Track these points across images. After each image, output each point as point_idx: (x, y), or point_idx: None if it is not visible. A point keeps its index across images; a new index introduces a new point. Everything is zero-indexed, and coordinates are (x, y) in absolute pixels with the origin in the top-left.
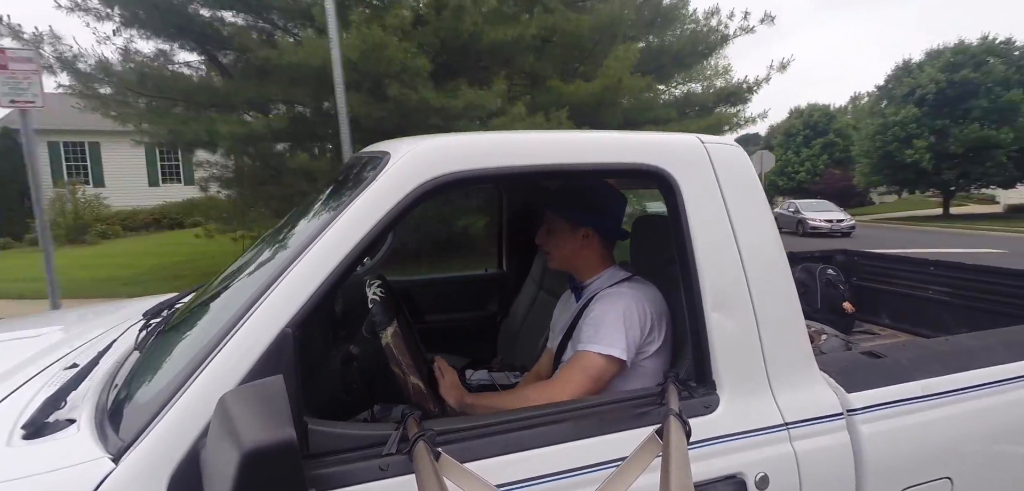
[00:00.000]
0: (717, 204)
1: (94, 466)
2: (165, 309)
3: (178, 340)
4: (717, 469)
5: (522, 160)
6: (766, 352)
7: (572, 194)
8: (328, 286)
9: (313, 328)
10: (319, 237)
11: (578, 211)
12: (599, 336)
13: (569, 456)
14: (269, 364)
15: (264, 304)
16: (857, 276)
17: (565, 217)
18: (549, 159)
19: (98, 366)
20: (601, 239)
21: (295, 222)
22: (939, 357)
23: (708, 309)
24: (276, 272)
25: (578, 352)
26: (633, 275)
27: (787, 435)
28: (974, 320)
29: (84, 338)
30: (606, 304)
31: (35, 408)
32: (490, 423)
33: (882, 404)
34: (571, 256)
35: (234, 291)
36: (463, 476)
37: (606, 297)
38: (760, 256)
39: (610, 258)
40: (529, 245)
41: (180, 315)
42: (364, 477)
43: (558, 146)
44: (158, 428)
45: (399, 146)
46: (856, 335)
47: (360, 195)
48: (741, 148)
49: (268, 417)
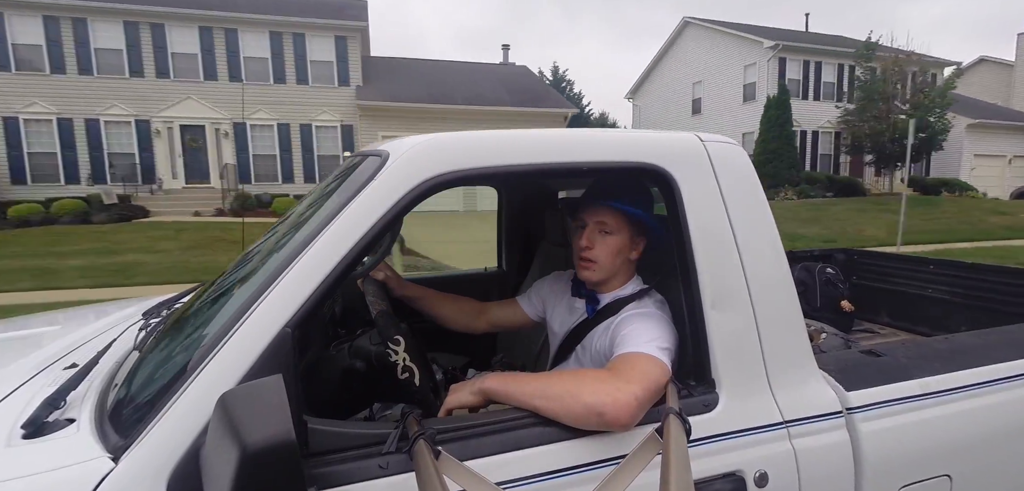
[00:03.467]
0: (716, 202)
1: (94, 465)
2: (164, 309)
3: (177, 339)
4: (716, 467)
5: (521, 158)
6: (765, 350)
7: (634, 192)
8: (327, 285)
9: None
10: (318, 236)
11: (646, 214)
12: (657, 348)
13: (569, 454)
14: (268, 363)
15: (263, 303)
16: (857, 275)
17: (631, 218)
18: (548, 157)
19: (97, 365)
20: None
21: (294, 221)
22: (938, 356)
23: (707, 307)
24: (275, 271)
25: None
26: (651, 287)
27: (786, 433)
28: (973, 319)
29: (83, 338)
30: (649, 320)
31: (35, 407)
32: (490, 422)
33: (881, 402)
34: (620, 265)
35: (233, 290)
36: (463, 474)
37: (646, 315)
38: (759, 255)
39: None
40: (528, 243)
41: (179, 314)
42: (364, 475)
43: (557, 144)
44: (158, 427)
45: (398, 144)
46: (855, 334)
47: (359, 194)
48: (740, 147)
49: (267, 416)
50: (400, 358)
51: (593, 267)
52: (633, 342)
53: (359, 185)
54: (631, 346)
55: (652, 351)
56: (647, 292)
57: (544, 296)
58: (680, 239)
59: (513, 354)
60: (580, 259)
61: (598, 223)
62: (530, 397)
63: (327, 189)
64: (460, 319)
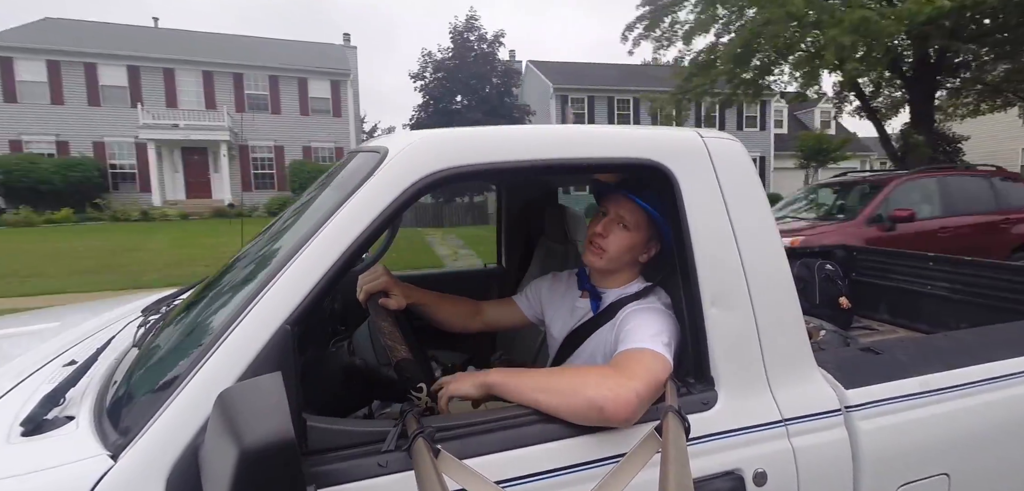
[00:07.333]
0: (716, 199)
1: (93, 463)
2: (163, 306)
3: (176, 337)
4: (715, 465)
5: (520, 155)
6: (764, 348)
7: (661, 201)
8: (326, 282)
9: (311, 324)
10: (317, 233)
11: (666, 224)
12: (659, 343)
13: (569, 452)
14: (267, 361)
15: (262, 301)
16: (856, 271)
17: (651, 221)
18: (547, 153)
19: (96, 363)
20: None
21: (293, 218)
22: (937, 353)
23: (706, 305)
24: (274, 269)
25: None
26: (655, 285)
27: (785, 431)
28: (973, 316)
29: (82, 335)
30: (652, 315)
31: (33, 405)
32: (489, 420)
33: (880, 400)
34: (628, 262)
35: (232, 288)
36: (462, 473)
37: (650, 310)
38: (758, 252)
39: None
40: (528, 240)
41: (178, 312)
42: (363, 474)
43: (556, 140)
44: (157, 425)
45: (396, 140)
46: (854, 331)
47: (358, 190)
48: (740, 143)
49: (267, 414)
50: (424, 401)
51: (601, 255)
52: (637, 337)
53: (358, 181)
54: (634, 342)
55: (656, 347)
56: (652, 289)
57: (542, 297)
58: (680, 236)
59: (512, 352)
60: (590, 242)
61: (619, 216)
62: (532, 392)
63: (326, 185)
64: (456, 320)
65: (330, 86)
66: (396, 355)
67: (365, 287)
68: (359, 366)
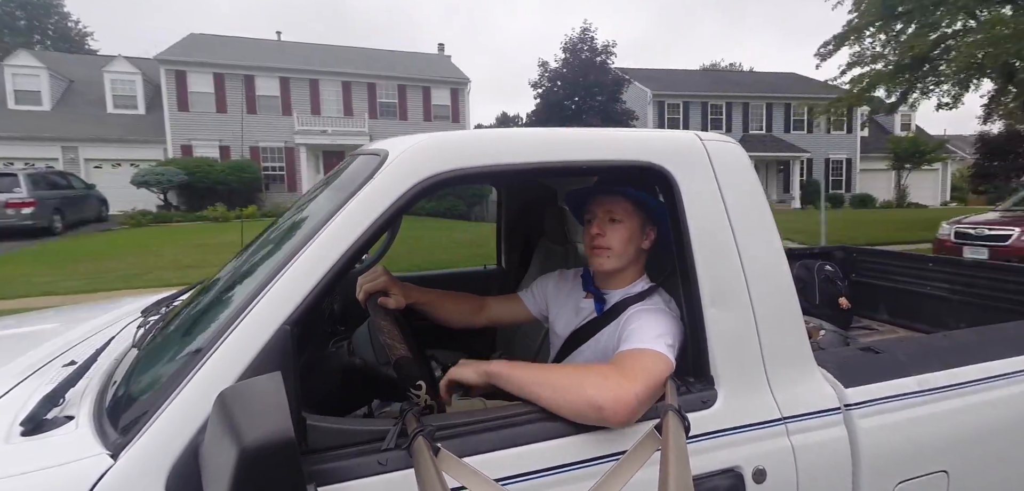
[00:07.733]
0: (715, 201)
1: (93, 462)
2: (163, 306)
3: (176, 337)
4: (715, 463)
5: (520, 157)
6: (764, 347)
7: (639, 184)
8: (326, 283)
9: (311, 324)
10: (317, 234)
11: (653, 199)
12: (662, 344)
13: (568, 450)
14: (267, 360)
15: (262, 301)
16: (855, 272)
17: (642, 207)
18: (547, 156)
19: (96, 363)
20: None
21: (294, 219)
22: (936, 352)
23: (706, 305)
24: (274, 269)
25: (642, 350)
26: (658, 286)
27: (784, 430)
28: (971, 316)
29: (82, 335)
30: (656, 316)
31: (33, 405)
32: (489, 418)
33: (879, 399)
34: (633, 254)
35: (232, 288)
36: (462, 471)
37: (654, 310)
38: (758, 252)
39: (644, 267)
40: (527, 241)
41: (178, 312)
42: (363, 472)
43: (556, 143)
44: (157, 424)
45: (397, 143)
46: (854, 330)
47: (358, 192)
48: (739, 146)
49: (266, 413)
50: (423, 399)
51: (608, 254)
52: (639, 337)
53: (359, 183)
54: (636, 342)
55: (658, 347)
56: (655, 289)
57: (548, 294)
58: (679, 237)
59: (512, 351)
60: (594, 248)
61: (607, 213)
62: (532, 385)
63: (327, 187)
64: (459, 317)
65: (450, 94)
66: (395, 354)
67: (364, 287)
68: (359, 365)
